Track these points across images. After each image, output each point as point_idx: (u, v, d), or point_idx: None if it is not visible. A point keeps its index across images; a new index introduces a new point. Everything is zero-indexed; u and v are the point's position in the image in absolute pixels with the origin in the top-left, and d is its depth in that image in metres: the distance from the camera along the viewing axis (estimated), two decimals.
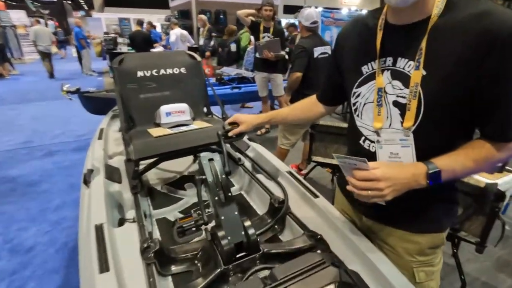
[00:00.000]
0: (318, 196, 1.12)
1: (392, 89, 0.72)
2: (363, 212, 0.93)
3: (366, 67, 0.77)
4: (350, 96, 0.83)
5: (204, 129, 1.35)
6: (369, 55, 0.76)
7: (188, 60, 1.63)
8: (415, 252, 0.84)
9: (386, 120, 0.74)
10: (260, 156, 1.49)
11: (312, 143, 2.32)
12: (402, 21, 0.69)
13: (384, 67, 0.73)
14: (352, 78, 0.82)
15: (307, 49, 2.41)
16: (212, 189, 0.91)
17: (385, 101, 0.73)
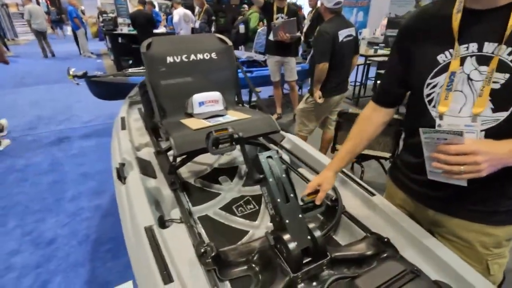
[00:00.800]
0: (375, 194, 1.05)
1: (479, 75, 0.69)
2: (430, 205, 0.89)
3: (442, 55, 0.75)
4: (423, 88, 0.80)
5: (245, 120, 1.26)
6: (446, 42, 0.73)
7: (219, 45, 1.52)
8: (491, 245, 0.82)
9: (470, 109, 0.71)
10: (298, 147, 1.41)
11: (337, 132, 2.24)
12: (485, 5, 0.67)
13: (467, 54, 0.70)
14: (426, 69, 0.78)
15: (331, 35, 2.24)
16: (273, 189, 0.84)
17: (471, 89, 0.71)
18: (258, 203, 1.24)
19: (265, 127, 1.24)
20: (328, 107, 2.55)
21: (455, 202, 0.82)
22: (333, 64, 2.32)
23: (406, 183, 0.96)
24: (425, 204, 0.91)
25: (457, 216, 0.84)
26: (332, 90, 2.44)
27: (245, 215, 1.17)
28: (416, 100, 0.83)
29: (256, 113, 1.35)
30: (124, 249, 0.99)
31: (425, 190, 0.88)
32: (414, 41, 0.82)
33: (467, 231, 0.84)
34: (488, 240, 0.82)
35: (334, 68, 2.35)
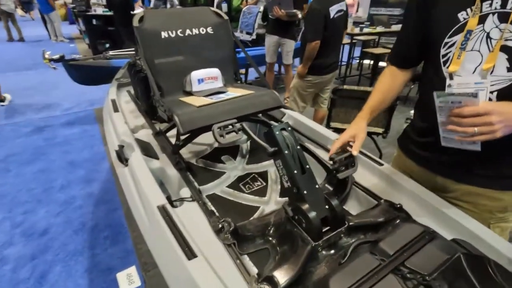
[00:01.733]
0: (383, 163, 1.07)
1: (499, 33, 0.67)
2: (437, 171, 0.91)
3: (464, 13, 0.71)
4: (439, 47, 0.77)
5: (249, 96, 1.23)
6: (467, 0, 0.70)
7: (214, 19, 1.45)
8: (496, 210, 0.84)
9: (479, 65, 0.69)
10: (300, 123, 1.40)
11: (331, 109, 2.25)
12: None
13: (490, 11, 0.67)
14: (444, 27, 0.75)
15: (322, 12, 2.20)
16: (290, 161, 0.83)
17: (489, 47, 0.69)
18: (264, 179, 1.24)
19: (270, 101, 1.22)
20: (320, 84, 2.55)
21: (463, 168, 0.83)
22: (325, 42, 2.30)
23: (415, 151, 0.98)
24: (433, 170, 0.92)
25: (465, 181, 0.85)
26: (325, 68, 2.43)
27: (253, 192, 1.17)
28: (431, 62, 0.81)
29: (258, 89, 1.32)
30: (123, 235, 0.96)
31: (434, 155, 0.90)
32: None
33: (474, 196, 0.85)
34: (493, 204, 0.83)
35: (327, 45, 2.32)
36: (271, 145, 0.86)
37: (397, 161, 1.09)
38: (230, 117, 1.11)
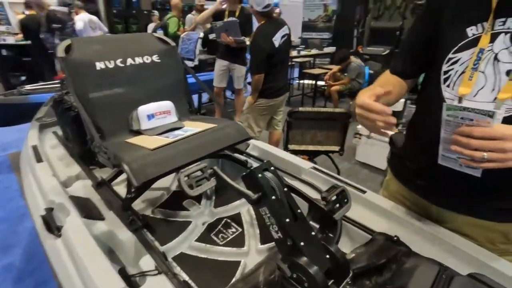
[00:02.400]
0: (365, 190, 1.01)
1: (509, 56, 0.61)
2: (433, 200, 0.84)
3: (474, 28, 0.65)
4: (442, 62, 0.71)
5: (211, 130, 1.07)
6: (480, 14, 0.64)
7: (160, 46, 1.28)
8: (498, 241, 0.78)
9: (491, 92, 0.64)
10: (267, 153, 1.29)
11: (288, 132, 2.21)
12: None
13: (502, 30, 0.62)
14: (450, 41, 0.69)
15: (265, 47, 2.21)
16: (279, 208, 0.69)
17: (495, 71, 0.63)
18: (238, 224, 1.07)
19: (236, 134, 1.08)
20: (273, 107, 2.53)
21: (461, 197, 0.76)
22: (274, 67, 2.31)
23: (407, 176, 0.91)
24: (428, 198, 0.85)
25: (463, 212, 0.78)
26: (276, 91, 2.42)
27: (229, 242, 0.99)
28: (431, 78, 0.75)
29: (219, 121, 1.18)
30: None
31: (429, 182, 0.82)
32: (446, 5, 0.71)
33: (471, 226, 0.79)
34: (494, 236, 0.78)
35: (276, 71, 2.34)
36: (254, 190, 0.72)
37: (388, 186, 1.02)
38: (193, 158, 0.93)
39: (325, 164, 2.74)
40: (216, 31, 3.17)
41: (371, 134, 2.83)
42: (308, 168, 1.15)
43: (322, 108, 2.18)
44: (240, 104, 3.73)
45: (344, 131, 2.22)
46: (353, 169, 2.95)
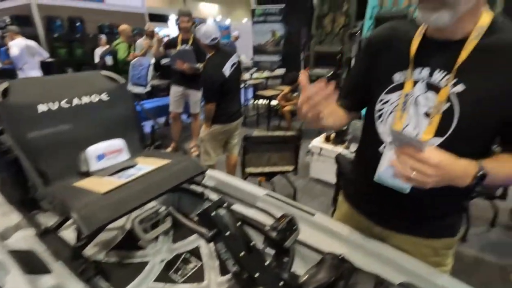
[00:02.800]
0: (314, 213, 1.09)
1: (426, 101, 0.72)
2: (377, 221, 0.94)
3: (398, 74, 0.77)
4: (376, 102, 0.82)
5: (165, 167, 1.08)
6: (403, 63, 0.76)
7: (108, 84, 1.27)
8: (429, 255, 0.89)
9: (413, 130, 0.75)
10: (223, 183, 1.33)
11: (244, 156, 2.28)
12: (444, 37, 0.71)
13: (419, 78, 0.74)
14: (381, 84, 0.81)
15: (216, 77, 2.31)
16: (233, 243, 0.74)
17: (416, 112, 0.74)
18: (198, 257, 1.08)
19: (191, 169, 1.11)
20: (228, 132, 2.59)
21: (398, 219, 0.88)
22: (226, 94, 2.40)
23: (354, 198, 1.01)
24: (373, 220, 0.95)
25: (401, 231, 0.89)
26: (230, 116, 2.50)
27: (189, 278, 0.99)
28: (369, 113, 0.85)
29: (173, 156, 1.19)
30: None
31: (372, 205, 0.93)
32: (379, 52, 0.83)
33: (407, 243, 0.89)
34: (426, 251, 0.88)
35: (229, 99, 2.44)
36: (209, 227, 0.76)
37: (340, 206, 1.11)
38: (147, 198, 0.93)
39: (281, 182, 2.86)
40: (171, 58, 3.21)
41: (321, 152, 3.03)
42: (263, 195, 1.22)
43: (274, 132, 2.31)
44: (197, 128, 3.75)
45: (296, 151, 2.36)
46: (308, 185, 3.11)
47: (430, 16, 0.65)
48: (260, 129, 5.07)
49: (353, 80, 0.96)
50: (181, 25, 3.32)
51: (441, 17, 0.64)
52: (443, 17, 0.63)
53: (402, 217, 0.87)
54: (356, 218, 1.01)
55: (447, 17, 0.63)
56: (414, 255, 0.87)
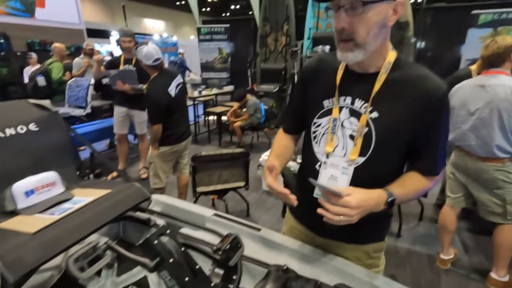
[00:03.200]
0: (260, 228, 1.15)
1: (350, 125, 0.84)
2: (317, 232, 1.03)
3: (327, 101, 0.88)
4: (310, 125, 0.92)
5: (105, 197, 1.04)
6: (331, 92, 0.87)
7: (36, 112, 1.19)
8: (364, 258, 1.01)
9: (341, 149, 0.86)
10: (170, 207, 1.32)
11: (195, 175, 2.27)
12: (360, 69, 0.83)
13: (343, 105, 0.85)
14: (314, 109, 0.91)
15: (161, 97, 2.29)
16: (177, 270, 0.75)
17: (342, 134, 0.85)
18: (146, 286, 1.05)
19: (134, 196, 1.08)
20: (178, 152, 2.55)
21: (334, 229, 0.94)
22: (173, 115, 2.38)
23: (298, 211, 1.08)
24: (314, 231, 1.04)
25: (338, 240, 0.99)
26: (179, 137, 2.47)
27: None
28: (306, 135, 0.95)
29: (114, 184, 1.15)
30: None
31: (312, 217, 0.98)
32: (311, 82, 0.94)
33: (345, 250, 0.99)
34: (361, 255, 0.99)
35: (177, 119, 2.42)
36: (151, 257, 0.76)
37: (287, 221, 1.17)
38: (85, 233, 0.89)
39: (235, 198, 2.89)
40: (111, 79, 3.06)
41: None
42: (211, 215, 1.24)
43: (223, 150, 2.34)
44: (145, 149, 3.61)
45: (246, 167, 2.42)
46: (261, 198, 3.19)
47: (348, 55, 0.77)
48: (212, 145, 5.07)
49: (292, 107, 1.06)
50: (123, 45, 3.22)
51: (356, 56, 0.76)
52: (358, 56, 0.76)
53: (338, 228, 0.98)
54: (301, 230, 1.09)
55: (361, 55, 0.76)
56: (352, 260, 0.98)
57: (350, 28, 0.72)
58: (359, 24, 0.72)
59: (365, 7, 0.70)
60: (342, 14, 0.71)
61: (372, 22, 0.72)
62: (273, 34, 5.68)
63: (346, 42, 0.75)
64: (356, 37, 0.73)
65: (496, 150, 1.70)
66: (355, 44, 0.74)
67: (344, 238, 0.99)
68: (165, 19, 17.78)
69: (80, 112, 3.62)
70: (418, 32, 5.44)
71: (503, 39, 1.69)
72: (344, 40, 0.75)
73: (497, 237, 1.86)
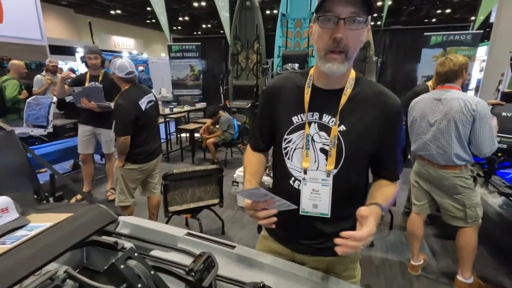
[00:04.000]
0: (235, 245, 1.12)
1: (319, 138, 0.87)
2: (294, 249, 1.03)
3: (296, 118, 0.90)
4: (281, 142, 0.93)
5: (65, 222, 0.96)
6: (299, 108, 0.89)
7: None
8: (342, 270, 1.02)
9: (314, 163, 0.88)
10: (139, 229, 1.25)
11: (166, 194, 2.18)
12: (326, 86, 0.87)
13: (312, 120, 0.88)
14: (284, 126, 0.92)
15: (130, 108, 2.21)
16: None
17: (313, 148, 0.88)
18: None
19: (98, 220, 1.01)
20: (147, 171, 2.45)
21: (310, 245, 0.98)
22: (143, 132, 2.31)
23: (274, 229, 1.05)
24: (291, 248, 1.03)
25: (313, 254, 1.00)
26: (148, 155, 2.39)
27: None
28: (277, 152, 0.96)
29: (76, 207, 1.07)
30: None
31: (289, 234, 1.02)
32: (278, 100, 0.95)
33: (322, 263, 1.00)
34: (339, 268, 1.01)
35: (145, 135, 2.33)
36: (117, 283, 0.70)
37: (262, 239, 1.15)
38: (41, 262, 0.81)
39: (210, 216, 2.81)
40: (75, 96, 2.91)
41: None
42: (183, 235, 1.19)
43: (196, 167, 2.29)
44: (112, 169, 3.43)
45: (220, 184, 2.38)
46: (236, 215, 3.13)
47: (339, 67, 0.78)
48: (185, 163, 4.95)
49: (260, 126, 1.06)
50: (88, 62, 3.11)
51: (343, 68, 0.79)
52: (344, 69, 0.79)
53: (314, 242, 0.99)
54: (277, 247, 1.08)
55: (345, 69, 0.79)
56: (329, 273, 0.98)
57: (346, 40, 0.75)
58: (354, 38, 0.76)
59: (361, 24, 0.75)
60: (342, 26, 0.74)
61: (361, 40, 0.78)
62: (244, 52, 5.81)
63: (339, 53, 0.77)
64: (349, 50, 0.77)
65: (454, 158, 1.83)
66: (346, 57, 0.78)
67: (321, 252, 1.00)
68: (135, 36, 17.59)
69: (40, 131, 3.38)
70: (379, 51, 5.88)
71: (457, 58, 1.86)
72: (337, 52, 0.77)
73: (460, 241, 1.96)
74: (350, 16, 0.73)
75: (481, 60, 8.97)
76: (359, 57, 5.20)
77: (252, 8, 5.54)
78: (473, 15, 5.63)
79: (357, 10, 0.73)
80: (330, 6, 0.74)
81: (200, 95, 6.59)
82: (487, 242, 2.44)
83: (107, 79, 3.15)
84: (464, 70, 1.86)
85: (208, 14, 15.51)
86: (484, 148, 1.74)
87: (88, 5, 13.82)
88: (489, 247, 2.46)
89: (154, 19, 15.18)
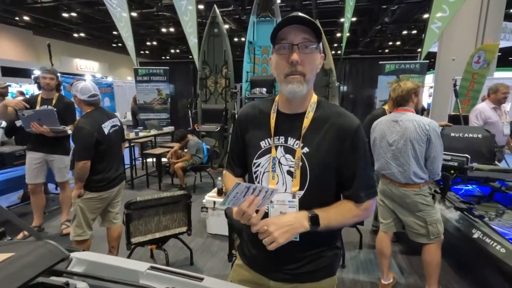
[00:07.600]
0: (202, 277, 1.04)
1: (286, 161, 0.89)
2: (272, 277, 0.98)
3: (264, 142, 0.93)
4: (251, 166, 0.96)
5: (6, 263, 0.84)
6: (266, 133, 0.93)
7: None
8: None
9: (282, 185, 0.89)
10: (96, 265, 1.12)
11: (129, 224, 2.02)
12: (290, 110, 0.92)
13: (278, 144, 0.91)
14: (253, 151, 0.96)
15: (91, 131, 2.08)
16: None
17: (281, 171, 0.90)
18: None
19: (46, 259, 0.89)
20: (107, 199, 2.27)
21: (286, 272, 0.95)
22: (105, 157, 2.17)
23: (249, 257, 1.03)
24: (266, 275, 0.99)
25: (289, 281, 0.96)
26: (110, 182, 2.23)
27: None
28: (249, 176, 0.98)
29: (19, 246, 0.94)
30: None
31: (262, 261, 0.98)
32: (247, 127, 1.00)
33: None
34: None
35: (107, 160, 2.19)
36: None
37: (236, 269, 1.09)
38: None
39: (178, 246, 2.65)
40: (24, 120, 2.67)
41: (215, 206, 3.04)
42: (146, 270, 1.09)
43: (162, 193, 2.17)
44: (67, 199, 3.15)
45: (188, 211, 2.27)
46: (206, 243, 2.99)
47: (297, 88, 0.83)
48: (151, 189, 4.71)
49: (234, 152, 1.09)
50: (42, 82, 2.90)
51: (303, 90, 0.84)
52: (304, 90, 0.84)
53: (289, 268, 0.96)
54: (253, 276, 1.03)
55: (305, 90, 0.84)
56: None
57: (302, 64, 0.81)
58: (309, 61, 0.83)
59: (313, 48, 0.82)
60: (297, 50, 0.80)
61: (315, 63, 0.85)
62: (212, 76, 5.87)
63: (297, 75, 0.83)
64: (306, 72, 0.83)
65: (413, 176, 1.93)
66: (304, 79, 0.83)
67: (298, 279, 0.96)
68: (100, 59, 17.09)
69: None
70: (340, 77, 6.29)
71: (406, 84, 2.05)
72: (295, 74, 0.82)
73: (425, 257, 2.03)
74: (302, 41, 0.80)
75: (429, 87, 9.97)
76: (322, 83, 5.51)
77: (220, 35, 5.69)
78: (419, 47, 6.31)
79: (309, 36, 0.81)
80: (284, 34, 0.82)
81: (167, 119, 6.46)
82: (450, 256, 2.55)
83: (62, 102, 2.98)
84: (413, 95, 2.03)
85: (177, 39, 15.68)
86: (439, 165, 1.87)
87: (49, 27, 13.33)
88: (452, 261, 2.58)
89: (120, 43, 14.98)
